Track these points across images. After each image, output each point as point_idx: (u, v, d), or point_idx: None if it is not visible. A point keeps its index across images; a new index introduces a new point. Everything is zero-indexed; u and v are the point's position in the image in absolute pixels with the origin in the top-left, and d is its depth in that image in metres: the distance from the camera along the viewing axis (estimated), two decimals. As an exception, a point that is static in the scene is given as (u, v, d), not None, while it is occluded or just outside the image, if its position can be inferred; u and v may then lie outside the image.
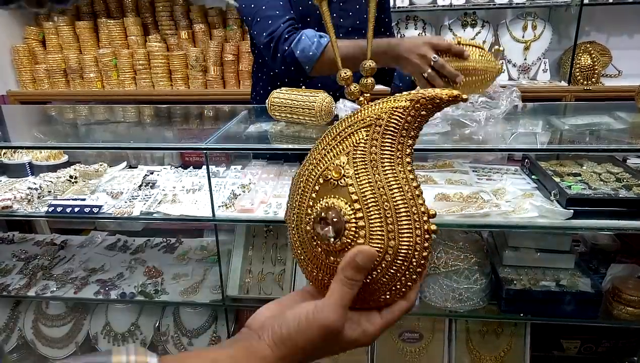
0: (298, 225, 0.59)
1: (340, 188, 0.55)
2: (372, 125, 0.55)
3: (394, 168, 0.55)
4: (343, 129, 0.58)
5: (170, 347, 1.68)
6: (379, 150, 0.55)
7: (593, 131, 1.54)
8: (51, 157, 1.79)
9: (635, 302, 1.37)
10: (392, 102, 0.55)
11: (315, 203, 0.57)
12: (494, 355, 1.56)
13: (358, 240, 0.53)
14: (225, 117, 1.65)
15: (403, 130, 0.55)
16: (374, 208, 0.53)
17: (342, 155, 0.56)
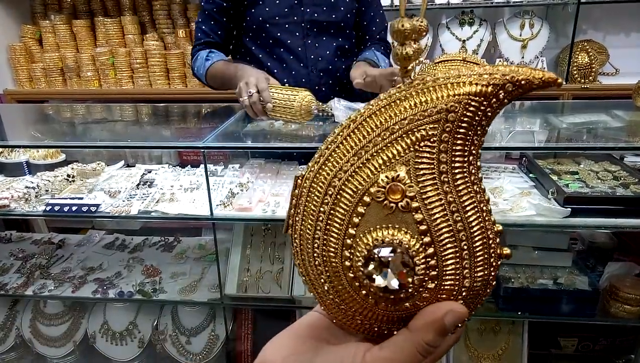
0: (324, 254, 0.43)
1: (401, 214, 0.40)
2: (442, 121, 0.39)
3: (467, 180, 0.40)
4: (393, 123, 0.41)
5: (169, 346, 1.68)
6: (449, 156, 0.39)
7: (590, 129, 1.55)
8: (48, 156, 1.78)
9: (633, 300, 1.38)
10: (465, 86, 0.39)
11: (359, 232, 0.41)
12: (491, 353, 1.56)
13: (428, 285, 0.40)
14: (223, 116, 1.65)
15: (479, 126, 0.39)
16: (449, 242, 0.40)
17: (398, 163, 0.40)
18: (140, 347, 1.70)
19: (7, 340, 1.78)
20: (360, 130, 0.42)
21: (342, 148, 0.42)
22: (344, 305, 0.43)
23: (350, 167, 0.41)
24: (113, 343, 1.71)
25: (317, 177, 0.43)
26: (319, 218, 0.42)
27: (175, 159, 2.65)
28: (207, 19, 1.67)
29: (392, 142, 0.40)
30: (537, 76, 0.37)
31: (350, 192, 0.41)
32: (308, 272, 0.45)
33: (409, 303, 0.40)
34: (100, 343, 1.71)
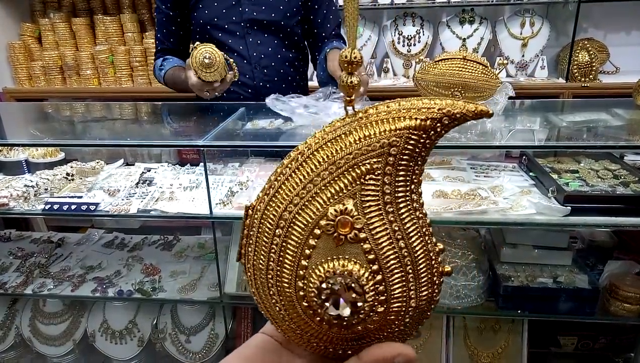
0: (278, 284, 0.45)
1: (350, 245, 0.42)
2: (385, 154, 0.41)
3: (410, 207, 0.42)
4: (339, 157, 0.42)
5: (168, 345, 1.68)
6: (393, 187, 0.42)
7: (590, 128, 1.54)
8: (47, 154, 1.78)
9: (632, 299, 1.38)
10: (404, 120, 0.41)
11: (311, 264, 0.43)
12: (491, 352, 1.56)
13: (377, 309, 0.42)
14: (222, 114, 1.65)
15: (419, 156, 0.42)
16: (396, 267, 0.42)
17: (345, 196, 0.42)
18: (139, 345, 1.70)
19: (7, 339, 1.78)
20: (308, 163, 0.43)
21: (291, 181, 0.43)
22: (299, 330, 0.45)
23: (300, 200, 0.43)
24: (113, 342, 1.70)
25: (268, 209, 0.44)
26: (271, 251, 0.44)
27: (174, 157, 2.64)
28: (160, 28, 1.77)
29: (339, 176, 0.42)
30: (471, 109, 0.40)
31: (302, 225, 0.43)
32: (262, 299, 0.46)
33: (361, 326, 0.43)
34: (100, 342, 1.71)
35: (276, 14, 1.68)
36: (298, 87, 1.83)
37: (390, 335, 0.45)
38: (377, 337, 0.45)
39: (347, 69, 0.44)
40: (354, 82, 0.44)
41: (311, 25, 1.77)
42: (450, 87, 1.39)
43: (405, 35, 2.61)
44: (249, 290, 0.48)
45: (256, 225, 0.45)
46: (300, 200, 0.43)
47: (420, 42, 2.62)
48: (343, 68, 0.45)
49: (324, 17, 1.76)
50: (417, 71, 1.46)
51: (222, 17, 1.67)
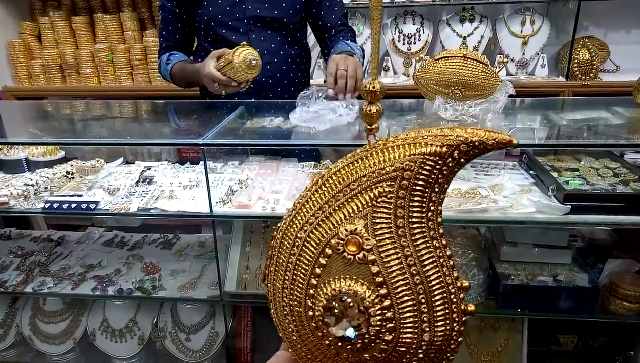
0: (291, 303, 0.45)
1: (358, 266, 0.42)
2: (398, 178, 0.41)
3: (426, 235, 0.41)
4: (354, 180, 0.43)
5: (168, 343, 1.68)
6: (407, 212, 0.41)
7: (591, 126, 1.54)
8: (47, 153, 1.78)
9: (632, 297, 1.38)
10: (421, 146, 0.40)
11: (320, 283, 0.43)
12: (491, 350, 1.56)
13: (385, 337, 0.40)
14: (222, 113, 1.65)
15: (436, 184, 0.41)
16: (406, 294, 0.41)
17: (356, 217, 0.42)
18: (140, 344, 1.70)
19: (7, 338, 1.78)
20: (326, 185, 0.45)
21: (310, 202, 0.45)
22: (311, 354, 0.45)
23: (315, 220, 0.44)
24: (113, 341, 1.71)
25: (288, 229, 0.46)
26: (287, 269, 0.45)
27: (174, 155, 2.64)
28: (165, 25, 1.78)
29: (352, 198, 0.43)
30: (491, 138, 0.39)
31: (314, 244, 0.44)
32: (279, 320, 0.47)
33: (368, 355, 0.42)
34: (100, 340, 1.72)
35: (279, 11, 1.69)
36: (300, 84, 1.83)
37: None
38: None
39: (369, 99, 0.46)
40: (372, 110, 0.45)
41: (316, 18, 1.79)
42: (451, 85, 1.39)
43: (405, 34, 2.61)
44: (270, 310, 0.48)
45: (277, 247, 0.47)
46: (315, 220, 0.44)
47: (420, 40, 2.62)
48: (364, 97, 0.46)
49: (327, 8, 1.77)
50: (417, 69, 1.46)
51: (226, 13, 1.68)
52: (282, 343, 0.51)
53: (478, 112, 1.40)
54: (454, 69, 1.37)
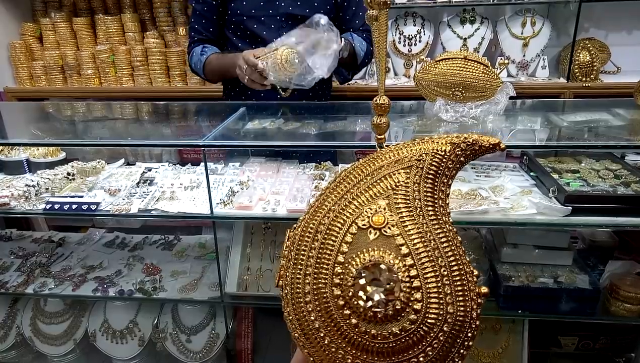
0: (316, 287, 0.46)
1: (384, 239, 0.45)
2: (413, 167, 0.48)
3: (440, 218, 0.47)
4: (375, 169, 0.49)
5: (169, 344, 1.68)
6: (421, 195, 0.47)
7: (591, 128, 1.54)
8: (48, 154, 1.78)
9: (633, 299, 1.37)
10: (432, 143, 0.49)
11: (348, 258, 0.45)
12: (491, 352, 1.56)
13: (414, 305, 0.43)
14: (223, 114, 1.65)
15: (443, 175, 0.48)
16: (429, 264, 0.44)
17: (379, 199, 0.47)
18: (140, 345, 1.70)
19: (8, 339, 1.78)
20: (345, 180, 0.50)
21: (330, 196, 0.50)
22: (334, 343, 0.46)
23: (338, 207, 0.48)
24: (113, 342, 1.71)
25: (308, 224, 0.50)
26: (310, 255, 0.48)
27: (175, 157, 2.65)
28: (198, 18, 1.79)
29: (372, 184, 0.48)
30: (484, 139, 0.48)
31: (339, 226, 0.47)
32: (298, 316, 0.48)
33: (397, 327, 0.43)
34: (101, 341, 1.71)
35: (311, 10, 1.70)
36: (323, 82, 1.83)
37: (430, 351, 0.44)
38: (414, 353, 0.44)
39: (378, 111, 0.53)
40: (380, 121, 0.53)
41: (341, 22, 1.81)
42: (451, 87, 1.39)
43: (406, 35, 2.61)
44: (284, 312, 0.49)
45: (296, 243, 0.49)
46: (337, 207, 0.48)
47: (421, 41, 2.62)
48: (374, 111, 0.53)
49: (353, 13, 1.80)
50: (418, 71, 1.46)
51: (259, 9, 1.71)
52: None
53: (479, 114, 1.41)
54: (454, 71, 1.37)
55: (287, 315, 0.49)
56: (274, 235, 1.60)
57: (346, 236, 0.46)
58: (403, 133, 1.52)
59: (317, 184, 1.48)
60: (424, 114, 1.57)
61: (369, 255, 0.45)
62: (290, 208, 1.35)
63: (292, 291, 0.48)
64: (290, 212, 1.34)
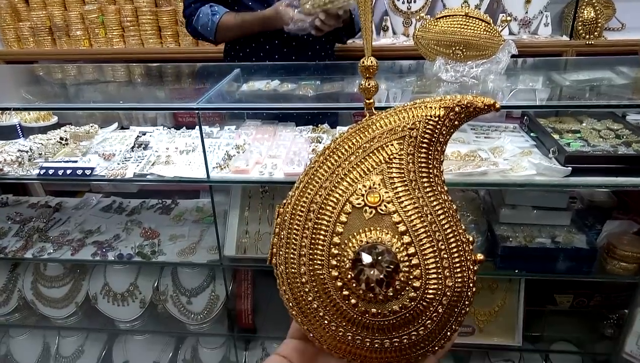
0: (312, 269, 0.45)
1: (380, 217, 0.44)
2: (406, 136, 0.45)
3: (435, 189, 0.45)
4: (364, 142, 0.46)
5: (170, 306, 1.70)
6: (416, 167, 0.45)
7: (594, 87, 1.51)
8: (40, 118, 1.74)
9: (629, 258, 1.39)
10: (424, 108, 0.46)
11: (344, 239, 0.44)
12: (488, 310, 1.58)
13: (413, 283, 0.43)
14: (217, 76, 1.61)
15: (437, 142, 0.46)
16: (427, 241, 0.43)
17: (372, 174, 0.45)
18: (142, 307, 1.72)
19: (10, 302, 1.80)
20: (336, 152, 0.47)
21: (320, 171, 0.47)
22: (334, 322, 0.45)
23: (330, 184, 0.46)
24: (115, 304, 1.73)
25: (299, 201, 0.47)
26: (303, 236, 0.46)
27: (170, 120, 2.61)
28: None
29: (365, 158, 0.46)
30: (479, 99, 0.45)
31: (332, 204, 0.45)
32: (295, 296, 0.47)
33: (398, 305, 0.43)
34: (102, 304, 1.74)
35: None
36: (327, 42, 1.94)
37: (429, 324, 0.44)
38: (414, 328, 0.44)
39: (365, 74, 0.49)
40: (370, 84, 0.49)
41: None
42: (452, 45, 1.35)
43: (405, -9, 2.52)
44: (280, 290, 0.48)
45: (287, 220, 0.47)
46: (329, 184, 0.46)
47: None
48: (361, 74, 0.49)
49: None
50: (418, 29, 1.41)
51: None
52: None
53: (479, 73, 1.37)
54: (455, 29, 1.33)
55: (283, 293, 0.48)
56: (271, 198, 1.59)
57: (340, 216, 0.45)
58: (402, 94, 1.49)
59: (315, 147, 1.46)
60: (423, 74, 1.54)
61: (366, 236, 0.44)
62: (287, 171, 1.34)
63: (286, 270, 0.47)
64: (287, 176, 1.33)
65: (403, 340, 0.44)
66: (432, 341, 0.45)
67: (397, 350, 0.45)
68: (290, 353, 0.50)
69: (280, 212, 0.49)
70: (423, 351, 0.45)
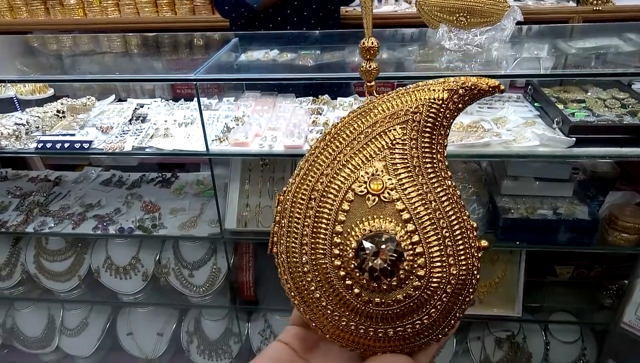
0: (314, 258, 0.44)
1: (383, 205, 0.43)
2: (409, 121, 0.44)
3: (439, 174, 0.44)
4: (366, 127, 0.45)
5: (172, 279, 1.71)
6: (420, 152, 0.44)
7: (600, 55, 1.47)
8: (36, 91, 1.72)
9: (631, 229, 1.38)
10: (428, 91, 0.44)
11: (346, 228, 0.43)
12: (488, 282, 1.59)
13: (417, 272, 0.42)
14: (215, 46, 1.57)
15: (441, 126, 0.45)
16: (431, 229, 0.42)
17: (375, 160, 0.44)
18: (144, 280, 1.73)
19: (14, 276, 1.81)
20: (337, 138, 0.46)
21: (321, 158, 0.46)
22: (337, 311, 0.45)
23: (331, 171, 0.45)
24: (117, 277, 1.74)
25: (299, 188, 0.46)
26: (305, 225, 0.45)
27: (168, 92, 2.57)
28: None
29: (367, 143, 0.45)
30: (483, 81, 0.44)
31: (334, 192, 0.44)
32: (297, 285, 0.46)
33: (402, 294, 0.42)
34: (105, 277, 1.75)
35: None
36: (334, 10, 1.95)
37: (433, 312, 0.43)
38: (418, 316, 0.43)
39: (366, 56, 0.47)
40: (372, 66, 0.48)
41: None
42: (455, 12, 1.31)
43: (407, -44, 2.44)
44: (281, 280, 0.47)
45: (288, 208, 0.46)
46: (331, 171, 0.45)
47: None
48: (362, 56, 0.48)
49: None
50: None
51: None
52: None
53: (483, 41, 1.34)
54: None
55: (284, 282, 0.47)
56: (272, 171, 1.58)
57: (343, 204, 0.44)
58: (404, 63, 1.45)
59: (315, 119, 1.44)
60: (426, 42, 1.50)
61: (369, 224, 0.43)
62: (287, 144, 1.32)
63: (288, 259, 0.46)
64: (288, 149, 1.31)
65: (407, 329, 0.44)
66: (436, 329, 0.44)
67: (401, 339, 0.44)
68: (291, 340, 0.49)
69: (280, 200, 0.47)
70: (427, 339, 0.45)
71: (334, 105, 1.56)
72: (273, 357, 0.47)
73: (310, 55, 1.47)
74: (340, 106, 1.54)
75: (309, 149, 0.47)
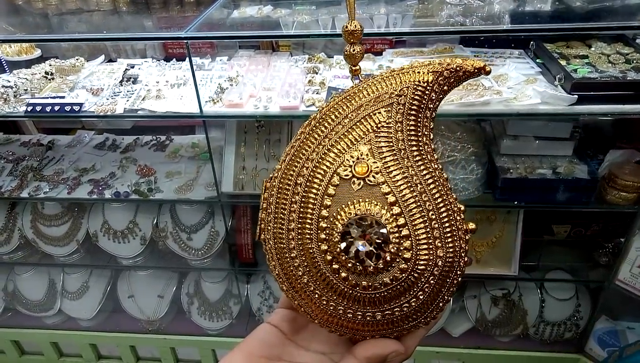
0: (301, 243, 0.44)
1: (369, 189, 0.43)
2: (394, 104, 0.44)
3: (424, 157, 0.44)
4: (351, 111, 0.45)
5: (170, 242, 1.72)
6: (405, 135, 0.44)
7: (605, 7, 1.42)
8: (22, 51, 1.66)
9: (630, 187, 1.37)
10: (413, 74, 0.44)
11: (332, 212, 0.43)
12: (485, 241, 1.60)
13: (404, 255, 0.42)
14: (207, 2, 1.51)
15: (427, 109, 0.45)
16: (417, 212, 0.42)
17: (360, 144, 0.44)
18: (142, 244, 1.74)
19: (12, 241, 1.81)
20: (322, 123, 0.46)
21: (306, 143, 0.46)
22: (325, 296, 0.45)
23: (317, 156, 0.45)
24: (115, 241, 1.74)
25: (285, 174, 0.46)
26: (291, 209, 0.45)
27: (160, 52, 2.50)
28: None
29: (352, 127, 0.44)
30: (468, 63, 0.44)
31: (320, 176, 0.44)
32: (285, 271, 0.46)
33: (389, 277, 0.42)
34: (103, 241, 1.75)
35: None
36: None
37: (421, 295, 0.43)
38: (406, 299, 0.43)
39: (349, 39, 0.47)
40: (356, 50, 0.47)
41: None
42: None
43: None
44: (269, 268, 0.47)
45: (275, 195, 0.46)
46: (317, 156, 0.45)
47: None
48: (346, 39, 0.47)
49: None
50: None
51: None
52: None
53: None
54: None
55: (272, 269, 0.47)
56: (267, 133, 1.55)
57: (328, 188, 0.44)
58: (402, 19, 1.40)
59: (311, 78, 1.40)
60: (425, -4, 1.44)
61: (354, 208, 0.43)
62: (283, 105, 1.29)
63: (275, 246, 0.46)
64: (283, 110, 1.29)
65: (395, 313, 0.44)
66: (424, 312, 0.45)
67: (389, 323, 0.44)
68: (280, 322, 0.50)
69: (267, 186, 0.47)
70: (415, 322, 0.45)
71: (331, 64, 1.51)
72: (262, 338, 0.48)
73: (306, 11, 1.41)
74: (337, 65, 1.50)
75: (297, 133, 0.47)
